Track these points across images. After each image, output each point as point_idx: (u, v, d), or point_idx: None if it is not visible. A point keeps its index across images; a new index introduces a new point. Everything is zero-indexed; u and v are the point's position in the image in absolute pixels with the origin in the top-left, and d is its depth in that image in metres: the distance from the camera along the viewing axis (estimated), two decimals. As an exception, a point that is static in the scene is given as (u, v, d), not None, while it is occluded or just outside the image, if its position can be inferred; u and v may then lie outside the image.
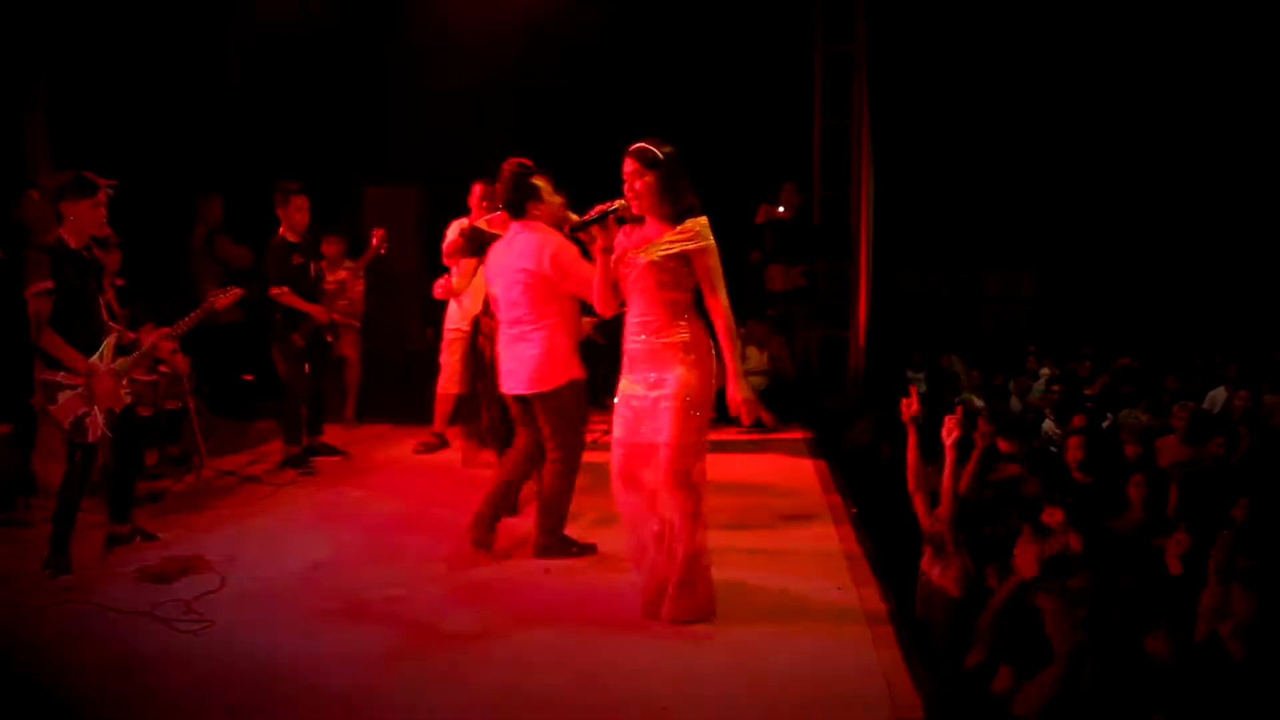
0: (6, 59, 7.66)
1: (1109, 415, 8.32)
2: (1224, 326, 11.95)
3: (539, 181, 5.02)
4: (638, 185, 4.07)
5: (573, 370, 4.97)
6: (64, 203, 4.75)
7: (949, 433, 4.71)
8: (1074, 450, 6.53)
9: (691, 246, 4.04)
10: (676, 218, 4.07)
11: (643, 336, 4.15)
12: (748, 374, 8.21)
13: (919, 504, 4.88)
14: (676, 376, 4.07)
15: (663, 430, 4.06)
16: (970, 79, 11.19)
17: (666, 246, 4.05)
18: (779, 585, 4.70)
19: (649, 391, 4.12)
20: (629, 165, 4.10)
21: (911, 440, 4.89)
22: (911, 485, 4.90)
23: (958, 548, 4.68)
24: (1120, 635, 4.05)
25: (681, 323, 4.11)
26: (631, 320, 4.19)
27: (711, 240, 4.09)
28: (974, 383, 9.69)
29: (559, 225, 4.98)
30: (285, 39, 8.90)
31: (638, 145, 4.12)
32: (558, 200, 5.06)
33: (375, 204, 8.83)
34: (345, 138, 9.53)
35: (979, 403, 8.64)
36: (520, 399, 5.04)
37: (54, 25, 8.13)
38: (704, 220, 4.09)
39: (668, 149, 4.10)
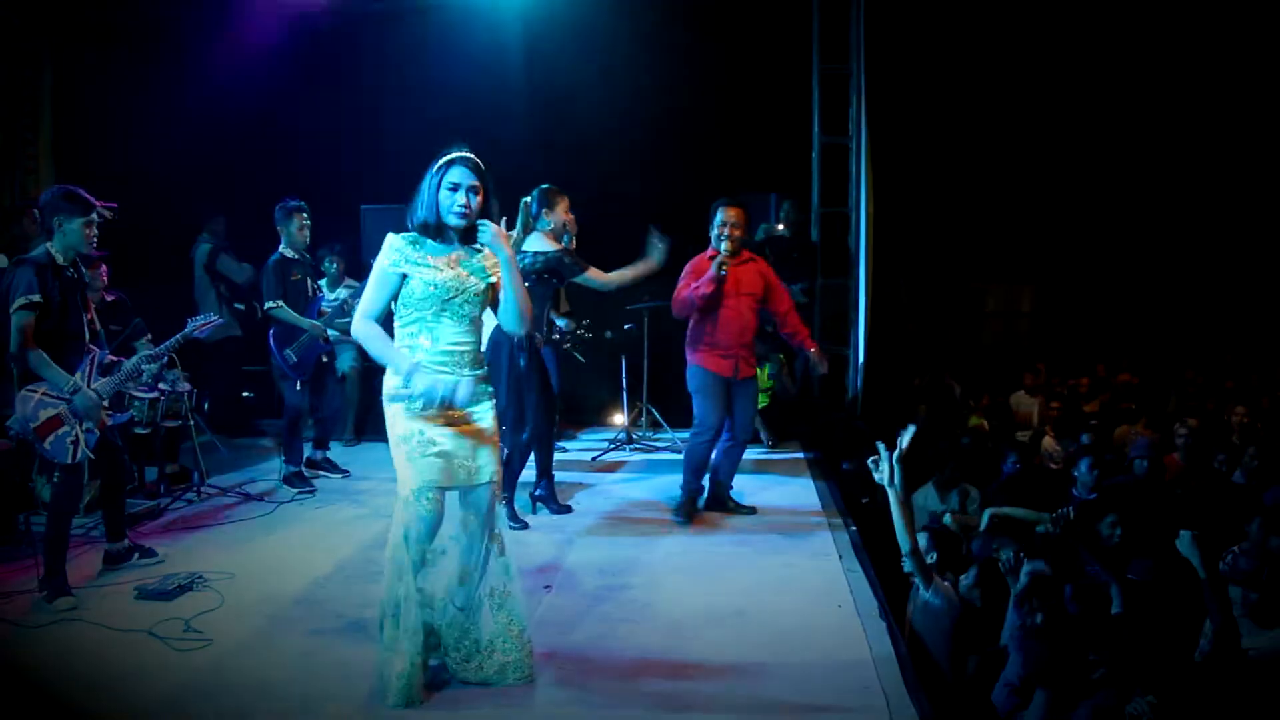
0: (12, 70, 7.72)
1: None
2: (1223, 341, 11.98)
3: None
4: (478, 200, 3.67)
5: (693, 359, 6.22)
6: (57, 218, 4.72)
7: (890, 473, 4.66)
8: (1085, 471, 6.48)
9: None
10: (469, 234, 3.70)
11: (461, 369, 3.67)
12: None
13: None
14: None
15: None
16: (968, 95, 11.23)
17: (494, 264, 3.71)
18: (778, 602, 4.71)
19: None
20: (473, 178, 3.66)
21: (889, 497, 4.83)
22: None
23: (931, 582, 4.66)
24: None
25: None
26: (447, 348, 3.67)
27: None
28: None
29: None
30: (283, 60, 8.96)
31: (472, 156, 3.68)
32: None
33: (372, 222, 8.86)
34: (343, 157, 9.57)
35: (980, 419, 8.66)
36: None
37: (60, 42, 8.20)
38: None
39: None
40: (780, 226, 9.13)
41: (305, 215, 6.91)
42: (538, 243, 5.82)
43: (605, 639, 4.28)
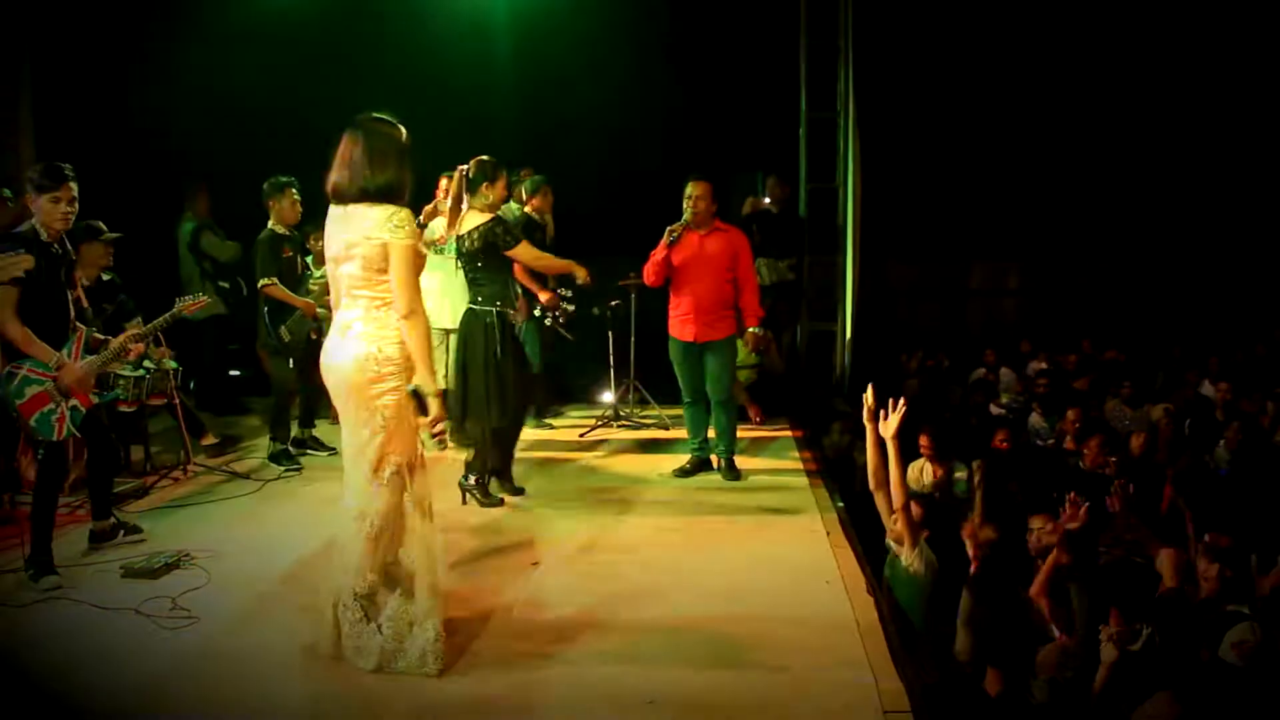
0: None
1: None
2: (1208, 319, 12.01)
3: None
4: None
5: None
6: (29, 195, 4.68)
7: (891, 432, 4.70)
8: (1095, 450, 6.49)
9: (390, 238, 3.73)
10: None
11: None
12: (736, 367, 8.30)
13: (879, 503, 4.87)
14: None
15: None
16: (957, 71, 11.18)
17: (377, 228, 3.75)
18: (766, 579, 4.73)
19: None
20: None
21: (870, 439, 4.85)
22: (871, 484, 4.88)
23: (917, 544, 4.69)
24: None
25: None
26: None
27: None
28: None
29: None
30: (267, 35, 8.87)
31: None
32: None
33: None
34: (326, 131, 9.47)
35: None
36: None
37: (40, 16, 8.09)
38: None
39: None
40: (766, 201, 9.11)
41: (295, 191, 6.81)
42: (473, 220, 5.68)
43: (595, 613, 4.29)
